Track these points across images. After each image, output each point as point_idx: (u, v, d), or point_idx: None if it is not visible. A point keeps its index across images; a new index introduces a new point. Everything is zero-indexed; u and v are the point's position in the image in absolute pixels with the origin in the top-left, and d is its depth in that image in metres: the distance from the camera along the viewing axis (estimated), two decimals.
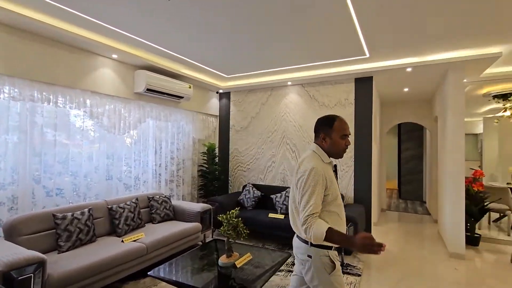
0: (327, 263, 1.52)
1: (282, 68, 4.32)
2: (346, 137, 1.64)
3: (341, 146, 1.64)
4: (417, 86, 4.88)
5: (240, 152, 5.32)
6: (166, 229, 3.37)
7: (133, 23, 2.89)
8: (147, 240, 3.04)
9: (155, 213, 3.66)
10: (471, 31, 2.92)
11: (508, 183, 5.47)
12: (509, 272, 3.33)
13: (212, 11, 2.58)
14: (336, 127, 1.63)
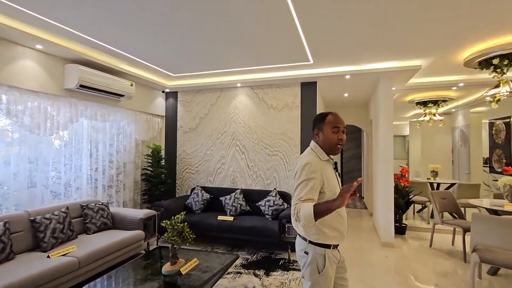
0: (320, 263, 1.51)
1: (231, 70, 4.30)
2: (338, 129, 1.57)
3: (333, 140, 1.57)
4: (355, 92, 5.33)
5: (189, 154, 5.14)
6: (103, 239, 3.07)
7: (62, 12, 2.57)
8: (79, 253, 2.73)
9: (90, 223, 3.30)
10: (398, 46, 3.29)
11: (428, 178, 6.31)
12: (429, 255, 3.83)
13: (151, 8, 2.44)
14: (328, 121, 1.59)
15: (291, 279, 3.01)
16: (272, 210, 4.01)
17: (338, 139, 1.57)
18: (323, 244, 1.53)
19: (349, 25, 2.79)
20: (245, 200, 4.33)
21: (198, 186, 4.68)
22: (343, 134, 1.59)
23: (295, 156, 4.55)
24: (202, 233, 3.90)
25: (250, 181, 4.75)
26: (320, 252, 1.52)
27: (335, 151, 1.60)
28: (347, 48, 3.38)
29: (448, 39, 3.11)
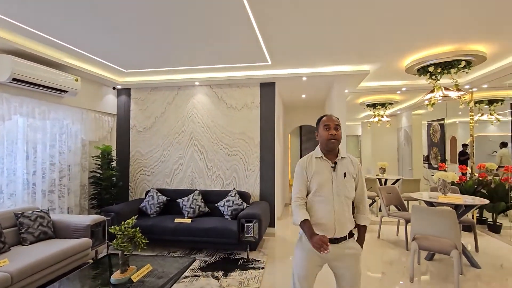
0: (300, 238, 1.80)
1: (189, 68, 4.18)
2: (329, 126, 1.74)
3: (325, 136, 1.74)
4: (312, 93, 5.55)
5: (143, 154, 4.87)
6: (41, 250, 2.76)
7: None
8: (12, 267, 2.41)
9: (26, 233, 2.94)
10: (349, 51, 3.49)
11: (377, 175, 6.83)
12: (377, 246, 4.14)
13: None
14: (321, 121, 1.80)
15: (250, 278, 3.02)
16: (231, 210, 3.99)
17: (330, 134, 1.73)
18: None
19: (304, 30, 2.89)
20: (203, 201, 4.24)
21: (154, 188, 4.46)
22: (336, 130, 1.74)
23: (255, 156, 4.58)
24: (158, 238, 3.73)
25: (209, 181, 4.67)
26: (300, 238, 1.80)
27: (329, 145, 1.74)
28: (303, 51, 3.50)
29: (391, 48, 3.39)
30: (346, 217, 1.70)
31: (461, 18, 2.65)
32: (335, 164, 1.74)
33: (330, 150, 1.75)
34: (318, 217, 1.70)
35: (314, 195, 1.73)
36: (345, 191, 1.70)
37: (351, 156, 1.83)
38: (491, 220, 4.70)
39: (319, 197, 1.71)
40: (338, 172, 1.72)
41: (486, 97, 5.26)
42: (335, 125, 1.74)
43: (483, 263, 3.46)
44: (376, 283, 2.99)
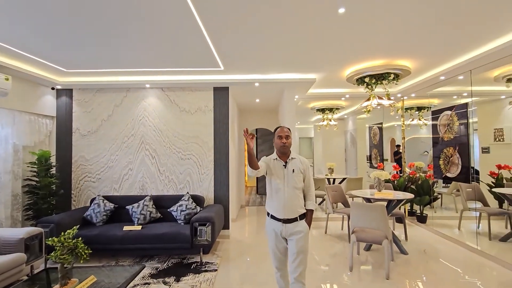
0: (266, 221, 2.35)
1: (140, 70, 4.05)
2: (281, 137, 2.27)
3: (279, 144, 2.27)
4: (265, 98, 5.76)
5: (88, 160, 4.56)
6: None
7: None
8: None
9: None
10: (297, 61, 3.73)
11: (326, 175, 7.33)
12: (324, 241, 4.47)
13: None
14: (276, 132, 2.33)
15: (202, 280, 3.05)
16: (184, 215, 3.96)
17: (282, 143, 2.26)
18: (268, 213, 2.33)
19: (255, 40, 3.03)
20: (155, 207, 4.13)
21: (100, 195, 4.21)
22: (286, 139, 2.27)
23: (209, 159, 4.61)
24: (105, 247, 3.54)
25: (162, 186, 4.56)
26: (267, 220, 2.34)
27: (281, 150, 2.28)
28: (254, 59, 3.65)
29: (334, 60, 3.73)
30: (295, 203, 2.22)
31: (389, 39, 3.05)
32: (286, 163, 2.27)
33: (282, 153, 2.30)
34: (274, 202, 2.26)
35: (272, 186, 2.27)
36: (293, 183, 2.23)
37: (300, 157, 2.35)
38: (419, 212, 5.40)
39: (275, 187, 2.25)
40: (289, 169, 2.25)
41: (415, 104, 6.02)
42: (286, 135, 2.27)
43: (411, 250, 3.97)
44: (321, 274, 3.25)
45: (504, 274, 3.22)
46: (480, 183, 4.56)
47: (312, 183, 2.35)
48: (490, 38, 3.07)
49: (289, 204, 2.19)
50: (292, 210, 2.20)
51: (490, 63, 3.53)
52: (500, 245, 3.99)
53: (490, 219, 4.22)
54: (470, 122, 4.34)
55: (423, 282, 3.06)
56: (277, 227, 2.22)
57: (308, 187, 2.32)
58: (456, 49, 3.38)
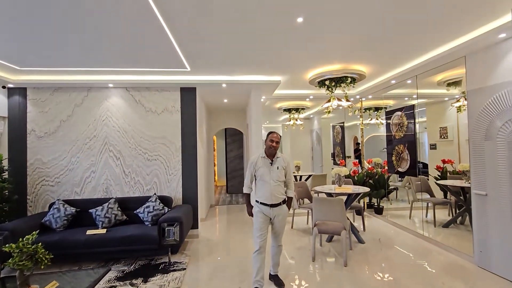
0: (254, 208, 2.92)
1: (102, 69, 3.93)
2: (272, 141, 2.82)
3: (269, 146, 2.84)
4: (233, 98, 5.86)
5: (45, 163, 4.32)
6: None
7: None
8: None
9: None
10: (262, 63, 3.88)
11: (293, 172, 7.62)
12: (290, 235, 4.69)
13: None
14: (269, 136, 2.85)
15: (170, 280, 3.08)
16: (151, 216, 3.93)
17: (272, 145, 2.83)
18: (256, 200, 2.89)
19: (220, 43, 3.11)
20: (121, 209, 4.05)
21: (60, 200, 4.02)
22: (276, 143, 2.83)
23: (176, 160, 4.60)
24: (67, 253, 3.41)
25: (127, 188, 4.47)
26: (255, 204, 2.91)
27: (270, 151, 2.86)
28: (221, 61, 3.74)
29: (296, 64, 3.94)
30: (279, 191, 2.84)
31: (344, 46, 3.31)
32: (272, 161, 2.87)
33: (270, 154, 2.88)
34: (262, 192, 2.83)
35: (259, 180, 2.86)
36: (277, 177, 2.83)
37: (284, 156, 2.94)
38: (376, 205, 5.87)
39: (262, 181, 2.84)
40: (274, 166, 2.85)
41: (373, 105, 6.51)
42: (276, 141, 2.84)
43: (367, 239, 4.33)
44: (287, 266, 3.44)
45: (447, 256, 3.66)
46: (429, 176, 5.09)
47: (292, 176, 3.00)
48: (432, 47, 3.47)
49: (274, 193, 2.81)
50: (276, 198, 2.82)
51: (432, 69, 3.98)
52: (443, 231, 4.50)
53: (435, 208, 4.74)
54: (417, 122, 4.83)
55: (377, 267, 3.38)
56: (266, 210, 2.83)
57: (289, 180, 2.95)
58: (403, 56, 3.77)
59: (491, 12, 2.58)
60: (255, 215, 2.88)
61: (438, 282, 2.97)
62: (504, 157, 2.97)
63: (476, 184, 3.31)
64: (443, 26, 2.85)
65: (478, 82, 3.27)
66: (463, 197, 4.34)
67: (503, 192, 2.99)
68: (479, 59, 3.25)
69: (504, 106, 2.96)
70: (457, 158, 4.75)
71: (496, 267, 3.10)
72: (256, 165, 2.87)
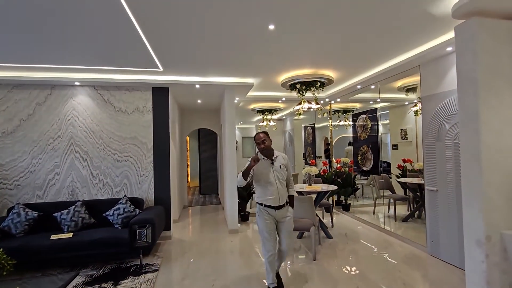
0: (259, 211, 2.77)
1: (67, 66, 3.77)
2: (258, 143, 2.72)
3: (259, 150, 2.74)
4: (207, 99, 5.87)
5: (3, 165, 4.04)
6: None
7: None
8: None
9: None
10: (235, 66, 3.95)
11: None
12: None
13: None
14: (255, 139, 2.77)
15: (142, 282, 3.05)
16: (122, 218, 3.84)
17: (260, 148, 2.73)
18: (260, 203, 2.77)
19: (193, 44, 3.14)
20: (88, 212, 3.91)
21: (20, 204, 3.78)
22: (263, 144, 2.71)
23: (148, 160, 4.53)
24: (29, 260, 3.23)
25: (95, 190, 4.31)
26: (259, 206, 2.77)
27: (264, 153, 2.76)
28: (194, 61, 3.75)
29: (268, 67, 4.07)
30: (284, 191, 2.76)
31: (312, 53, 3.49)
32: (272, 161, 2.76)
33: (266, 154, 2.76)
34: (269, 194, 2.70)
35: (263, 182, 2.71)
36: (281, 176, 2.75)
37: (282, 154, 2.85)
38: (344, 202, 6.20)
39: (267, 183, 2.70)
40: (276, 166, 2.75)
41: (341, 107, 6.86)
42: (262, 141, 2.72)
43: (335, 234, 4.59)
44: (259, 263, 3.55)
45: (405, 247, 4.00)
46: (391, 174, 5.49)
47: (291, 175, 2.91)
48: (391, 57, 3.78)
49: (281, 194, 2.73)
50: (283, 198, 2.75)
51: (392, 77, 4.33)
52: (403, 225, 4.89)
53: (396, 204, 5.14)
54: (380, 124, 5.20)
55: (344, 260, 3.62)
56: (272, 212, 2.72)
57: (289, 178, 2.87)
58: (366, 64, 4.06)
59: (440, 28, 2.89)
60: (260, 218, 2.74)
61: (396, 271, 3.25)
62: (451, 156, 3.33)
63: (428, 181, 3.67)
64: (400, 38, 3.13)
65: (431, 89, 3.63)
66: (419, 193, 4.76)
67: (450, 188, 3.36)
68: (431, 68, 3.61)
69: (451, 111, 3.32)
70: (415, 158, 5.18)
71: (444, 254, 3.47)
72: (257, 167, 2.68)
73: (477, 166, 2.22)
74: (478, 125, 2.21)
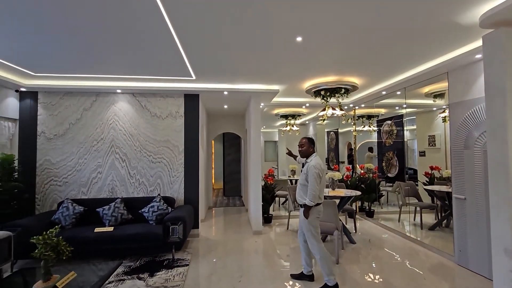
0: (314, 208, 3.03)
1: (111, 76, 4.18)
2: (298, 146, 3.17)
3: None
4: (233, 105, 6.13)
5: (54, 163, 4.52)
6: None
7: None
8: None
9: None
10: (263, 74, 4.16)
11: (289, 176, 7.89)
12: (286, 235, 4.95)
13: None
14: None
15: (175, 274, 3.31)
16: (156, 215, 4.15)
17: (298, 149, 3.17)
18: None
19: (225, 55, 3.39)
20: (126, 209, 4.26)
21: (68, 199, 4.22)
22: (301, 147, 3.14)
23: (179, 162, 4.84)
24: (77, 249, 3.58)
25: (132, 189, 4.69)
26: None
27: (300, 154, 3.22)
28: (224, 71, 4.01)
29: (294, 75, 4.24)
30: (299, 193, 3.08)
31: (338, 61, 3.61)
32: (303, 165, 3.13)
33: (303, 157, 3.18)
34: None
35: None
36: (301, 180, 3.06)
37: (313, 161, 2.99)
38: (368, 208, 6.16)
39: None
40: (303, 169, 3.07)
41: (366, 113, 6.84)
42: (300, 145, 3.16)
43: (358, 240, 4.61)
44: (283, 264, 3.70)
45: (431, 256, 3.95)
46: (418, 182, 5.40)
47: (312, 183, 2.91)
48: (418, 64, 3.80)
49: (297, 193, 3.10)
50: (298, 198, 3.10)
51: (418, 83, 4.31)
52: (430, 234, 4.80)
53: (422, 212, 5.05)
54: (405, 130, 5.16)
55: (367, 265, 3.66)
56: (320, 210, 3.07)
57: (308, 185, 2.96)
58: (392, 71, 4.09)
59: (468, 36, 2.90)
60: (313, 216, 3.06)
61: (422, 280, 3.25)
62: (480, 165, 3.29)
63: (456, 189, 3.62)
64: (427, 46, 3.17)
65: (459, 96, 3.60)
66: (448, 201, 4.66)
67: (479, 196, 3.31)
68: (459, 75, 3.59)
69: (481, 119, 3.29)
70: (444, 165, 5.07)
71: (472, 264, 3.40)
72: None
73: (505, 174, 2.23)
74: (506, 134, 2.23)
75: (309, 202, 2.91)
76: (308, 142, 3.10)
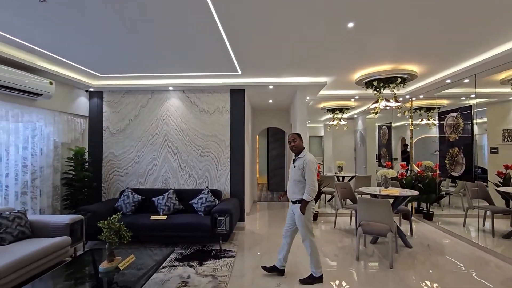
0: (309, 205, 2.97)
1: (163, 74, 4.44)
2: (289, 142, 3.04)
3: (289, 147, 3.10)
4: (278, 99, 6.07)
5: (117, 156, 5.01)
6: (21, 249, 2.88)
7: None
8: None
9: (5, 233, 3.03)
10: (309, 66, 4.02)
11: (336, 173, 7.58)
12: (333, 234, 4.77)
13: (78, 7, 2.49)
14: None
15: (222, 265, 3.42)
16: (204, 207, 4.34)
17: (289, 145, 3.04)
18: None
19: (271, 47, 3.34)
20: (178, 199, 4.53)
21: (129, 188, 4.64)
22: (293, 142, 3.01)
23: (226, 156, 4.97)
24: (135, 234, 3.91)
25: (183, 181, 4.96)
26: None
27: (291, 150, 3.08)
28: (270, 64, 3.97)
29: (343, 65, 4.01)
30: (291, 190, 3.01)
31: (396, 47, 3.30)
32: (293, 161, 3.04)
33: (294, 152, 3.04)
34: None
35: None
36: (293, 176, 2.98)
37: (306, 157, 2.92)
38: (426, 210, 5.61)
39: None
40: (293, 165, 3.02)
41: (424, 105, 6.20)
42: (292, 140, 3.01)
43: (415, 244, 4.22)
44: (329, 263, 3.56)
45: (506, 268, 3.43)
46: (488, 182, 4.74)
47: (311, 177, 2.86)
48: (494, 45, 3.27)
49: (289, 190, 3.05)
50: (291, 195, 3.03)
51: (494, 68, 3.73)
52: (503, 242, 4.18)
53: (494, 217, 4.41)
54: (474, 123, 4.53)
55: (424, 272, 3.33)
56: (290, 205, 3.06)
57: (306, 181, 2.89)
58: (460, 55, 3.60)
59: None
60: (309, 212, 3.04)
61: None
62: None
63: None
64: (501, 25, 2.70)
65: None
66: None
67: None
68: None
69: None
70: None
71: None
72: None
73: None
74: None
75: (307, 197, 2.85)
76: (299, 137, 3.03)
